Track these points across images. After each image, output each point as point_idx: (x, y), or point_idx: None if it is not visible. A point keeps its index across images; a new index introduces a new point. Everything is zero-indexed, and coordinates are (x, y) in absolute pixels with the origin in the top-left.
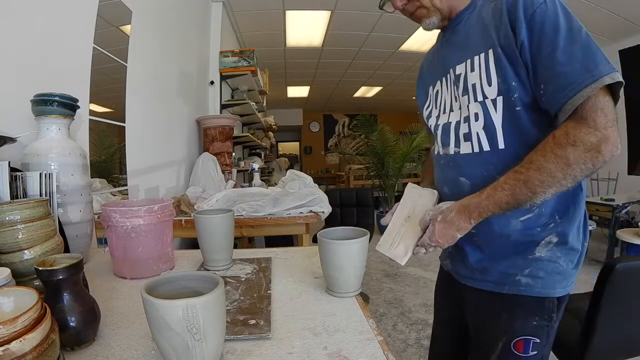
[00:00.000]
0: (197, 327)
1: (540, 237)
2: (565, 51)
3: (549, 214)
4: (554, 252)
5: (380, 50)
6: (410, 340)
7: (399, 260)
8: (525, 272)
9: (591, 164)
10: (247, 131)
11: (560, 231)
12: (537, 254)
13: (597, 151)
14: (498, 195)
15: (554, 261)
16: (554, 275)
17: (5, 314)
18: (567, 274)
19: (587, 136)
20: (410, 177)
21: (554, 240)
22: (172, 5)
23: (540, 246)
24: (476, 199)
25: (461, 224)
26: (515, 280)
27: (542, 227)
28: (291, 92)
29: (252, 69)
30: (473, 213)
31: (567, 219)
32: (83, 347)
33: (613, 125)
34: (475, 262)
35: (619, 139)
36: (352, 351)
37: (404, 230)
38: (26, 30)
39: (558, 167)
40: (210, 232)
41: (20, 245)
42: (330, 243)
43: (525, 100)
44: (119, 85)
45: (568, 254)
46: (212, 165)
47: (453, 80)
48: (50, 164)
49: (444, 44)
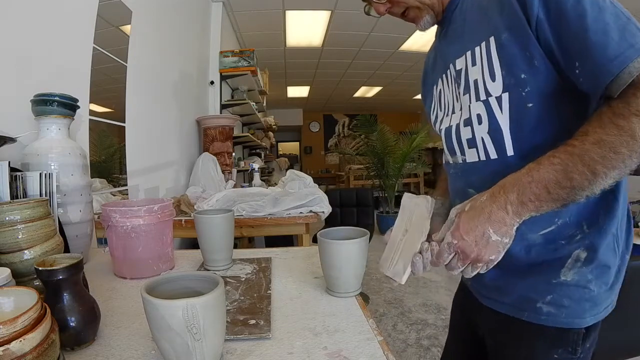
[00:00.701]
0: (197, 327)
1: (565, 252)
2: (596, 19)
3: (575, 224)
4: (583, 274)
5: (380, 50)
6: (410, 340)
7: (397, 278)
8: (547, 299)
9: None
10: (247, 131)
11: (589, 244)
12: (562, 278)
13: None
14: (544, 171)
15: (583, 286)
16: (583, 302)
17: (5, 314)
18: (600, 299)
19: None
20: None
21: (583, 257)
22: (172, 5)
23: (567, 267)
24: (513, 175)
25: (494, 210)
26: (535, 307)
27: (568, 240)
28: (291, 92)
29: (252, 69)
30: (510, 194)
31: (597, 229)
32: (83, 347)
33: None
34: (491, 280)
35: None
36: (352, 351)
37: (402, 245)
38: (26, 30)
39: (622, 141)
40: (210, 232)
41: (20, 245)
42: (330, 243)
43: (547, 90)
44: (119, 85)
45: (601, 274)
46: (212, 165)
47: (454, 77)
48: (50, 164)
49: (442, 38)
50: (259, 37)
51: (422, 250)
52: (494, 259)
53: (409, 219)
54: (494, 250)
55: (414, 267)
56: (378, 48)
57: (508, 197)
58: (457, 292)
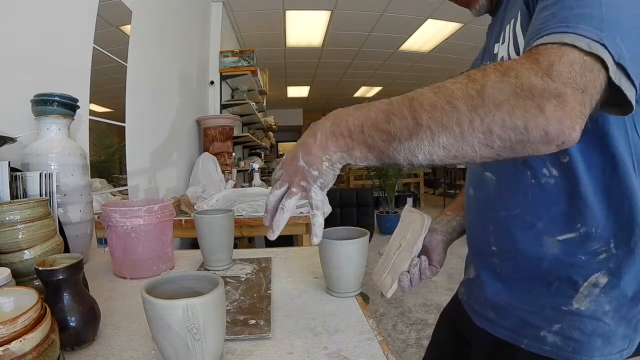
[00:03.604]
0: (197, 327)
1: (584, 272)
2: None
3: (602, 238)
4: (600, 304)
5: (380, 50)
6: (410, 340)
7: (384, 291)
8: (553, 328)
9: (521, 121)
10: (247, 131)
11: (614, 267)
12: (575, 306)
13: (538, 106)
14: (371, 108)
15: (598, 318)
16: (594, 338)
17: (5, 314)
18: (615, 336)
19: (529, 73)
20: (411, 177)
21: (602, 282)
22: (172, 5)
23: (581, 292)
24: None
25: (307, 135)
26: (538, 336)
27: (589, 256)
28: (291, 92)
29: (252, 69)
30: (326, 121)
31: (628, 251)
32: (83, 347)
33: (580, 92)
34: (492, 295)
35: (580, 121)
36: (352, 351)
37: (394, 260)
38: (26, 30)
39: (464, 93)
40: (210, 232)
41: (20, 245)
42: (330, 243)
43: None
44: (119, 85)
45: (621, 306)
46: (212, 165)
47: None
48: (50, 164)
49: (489, 28)
50: (259, 37)
51: (411, 267)
52: (305, 185)
53: (404, 235)
54: (302, 177)
55: (400, 284)
56: (378, 48)
57: (324, 123)
58: (448, 305)
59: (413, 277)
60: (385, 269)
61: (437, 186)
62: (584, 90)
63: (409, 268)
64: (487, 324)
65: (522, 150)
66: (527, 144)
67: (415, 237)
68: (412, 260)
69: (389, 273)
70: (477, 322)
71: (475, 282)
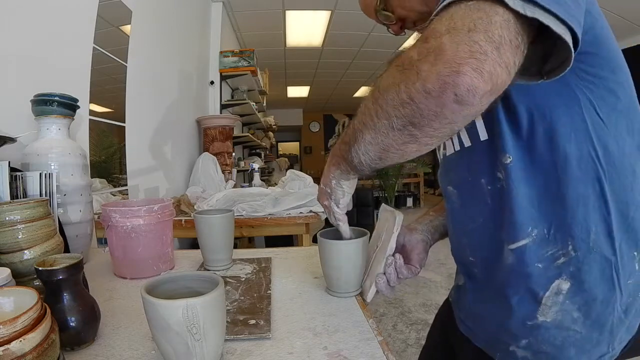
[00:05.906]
0: (197, 327)
1: (543, 281)
2: None
3: (557, 240)
4: (567, 312)
5: (380, 50)
6: (410, 340)
7: (364, 295)
8: (522, 344)
9: (405, 94)
10: (247, 131)
11: (575, 270)
12: (541, 319)
13: (416, 72)
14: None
15: (567, 327)
16: (567, 348)
17: (5, 314)
18: (589, 343)
19: (411, 51)
20: (410, 177)
21: (565, 288)
22: (172, 5)
23: (544, 303)
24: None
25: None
26: (508, 350)
27: (547, 263)
28: (291, 92)
29: (252, 69)
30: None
31: (588, 250)
32: (83, 347)
33: (465, 33)
34: (472, 304)
35: (473, 60)
36: (352, 351)
37: (372, 262)
38: (26, 30)
39: (372, 92)
40: (210, 232)
41: (20, 245)
42: (330, 243)
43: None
44: (119, 85)
45: (591, 311)
46: (212, 165)
47: None
48: (50, 164)
49: None
50: (259, 37)
51: (385, 267)
52: (327, 204)
53: (380, 236)
54: (321, 196)
55: (377, 286)
56: (378, 48)
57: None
58: (441, 308)
59: (390, 277)
60: (366, 271)
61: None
62: (470, 29)
63: (384, 269)
64: (469, 331)
65: (434, 121)
66: (425, 112)
67: (389, 236)
68: (386, 259)
69: (368, 276)
70: (461, 329)
71: (462, 289)
